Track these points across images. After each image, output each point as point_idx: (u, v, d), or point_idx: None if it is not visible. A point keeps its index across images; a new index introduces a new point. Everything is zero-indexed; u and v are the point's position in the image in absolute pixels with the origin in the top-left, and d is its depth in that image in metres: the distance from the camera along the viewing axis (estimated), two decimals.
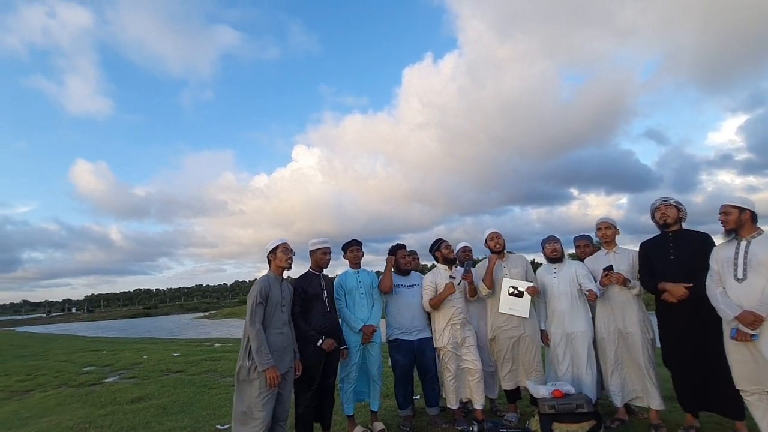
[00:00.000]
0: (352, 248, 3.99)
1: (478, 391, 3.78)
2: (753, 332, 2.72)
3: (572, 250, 4.14)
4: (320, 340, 3.44)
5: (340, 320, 3.79)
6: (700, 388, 3.21)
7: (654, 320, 3.59)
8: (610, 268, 3.57)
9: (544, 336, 3.88)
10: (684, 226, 3.45)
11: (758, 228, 2.91)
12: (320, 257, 3.68)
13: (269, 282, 3.16)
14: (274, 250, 3.28)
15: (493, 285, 3.90)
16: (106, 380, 7.80)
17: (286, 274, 3.37)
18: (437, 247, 4.02)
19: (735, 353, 2.88)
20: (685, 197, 3.40)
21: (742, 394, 2.92)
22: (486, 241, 4.08)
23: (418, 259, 4.48)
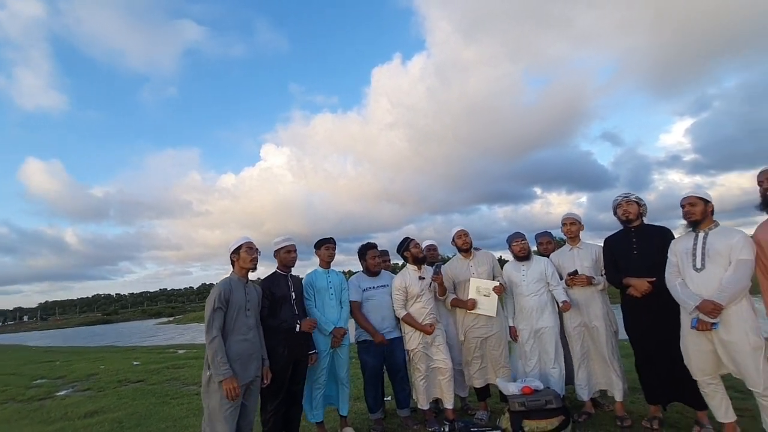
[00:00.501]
0: (328, 245, 3.87)
1: (448, 391, 3.75)
2: (714, 321, 2.79)
3: (535, 248, 4.18)
4: (297, 325, 3.31)
5: None
6: (665, 380, 3.29)
7: (618, 313, 3.67)
8: (575, 273, 3.63)
9: (512, 332, 3.89)
10: (645, 221, 3.54)
11: (715, 221, 3.00)
12: (284, 256, 3.53)
13: (231, 285, 2.95)
14: (237, 250, 3.06)
15: (445, 293, 3.91)
16: (58, 394, 7.32)
17: (253, 275, 3.19)
18: (406, 247, 3.95)
19: (693, 344, 2.96)
20: (640, 195, 3.57)
21: (699, 384, 3.01)
22: (453, 239, 4.06)
23: (389, 259, 4.41)
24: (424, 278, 3.81)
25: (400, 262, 4.15)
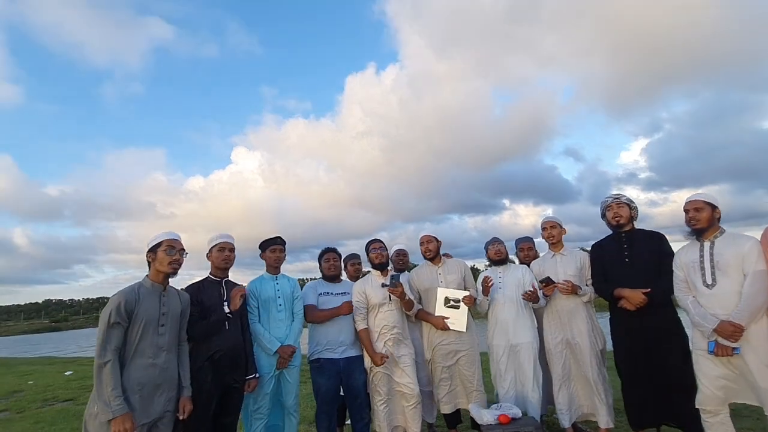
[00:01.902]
0: (274, 247, 3.28)
1: (414, 419, 3.23)
2: (735, 345, 2.40)
3: (515, 255, 3.78)
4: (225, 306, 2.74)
5: (251, 344, 3.07)
6: (652, 401, 2.93)
7: (603, 324, 3.31)
8: (548, 280, 3.23)
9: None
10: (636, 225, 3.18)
11: (721, 227, 2.66)
12: (216, 255, 2.90)
13: (138, 294, 2.29)
14: (154, 249, 2.41)
15: (411, 307, 3.38)
16: None
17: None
18: (367, 250, 3.45)
19: (708, 370, 2.55)
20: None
21: (703, 414, 2.61)
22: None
23: (360, 264, 3.90)
24: (387, 285, 3.30)
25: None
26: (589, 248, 3.39)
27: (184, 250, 2.48)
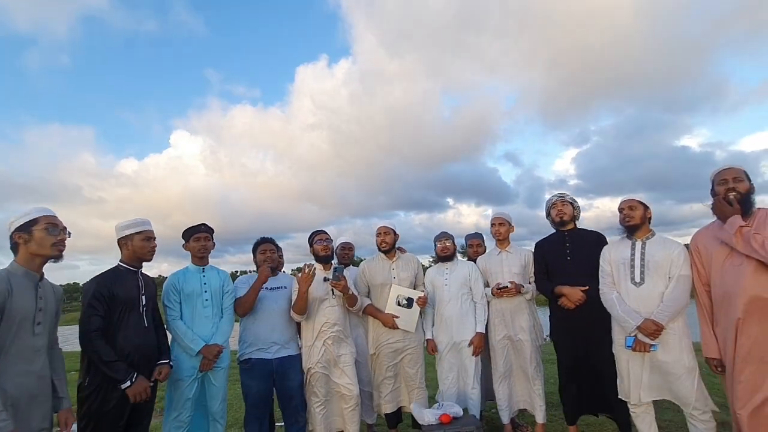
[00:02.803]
0: (198, 235, 2.92)
1: (352, 421, 3.05)
2: (653, 342, 2.52)
3: (462, 251, 3.71)
4: (129, 382, 2.25)
5: (167, 337, 2.72)
6: (590, 397, 3.00)
7: (542, 319, 3.35)
8: (505, 287, 3.18)
9: (430, 345, 3.34)
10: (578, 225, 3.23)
11: (652, 229, 2.76)
12: (141, 245, 2.51)
13: (9, 284, 1.84)
14: (26, 228, 1.94)
15: (355, 302, 3.16)
16: None
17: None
18: (310, 241, 3.21)
19: (627, 362, 2.69)
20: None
21: (630, 405, 2.75)
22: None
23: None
24: (329, 279, 3.08)
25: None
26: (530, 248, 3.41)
27: (66, 229, 2.07)
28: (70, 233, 2.08)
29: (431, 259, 4.01)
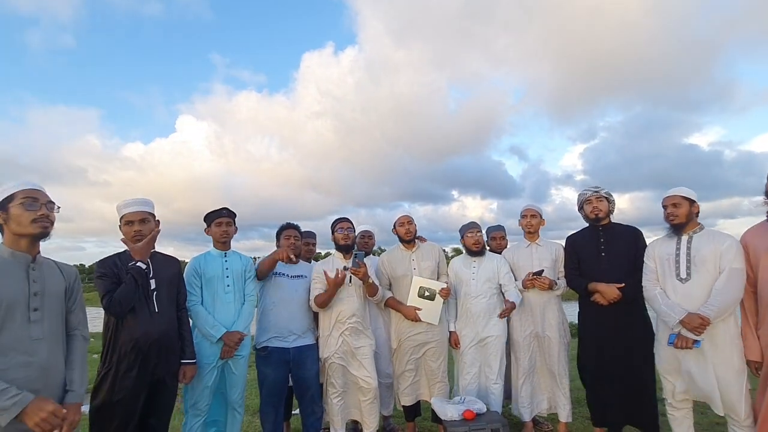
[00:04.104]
0: (220, 220, 2.83)
1: (370, 414, 2.98)
2: (697, 338, 2.38)
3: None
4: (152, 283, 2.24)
5: (188, 324, 2.63)
6: (620, 400, 2.87)
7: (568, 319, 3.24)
8: (540, 273, 3.07)
9: (453, 338, 3.25)
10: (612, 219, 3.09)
11: (700, 223, 2.61)
12: (125, 231, 2.37)
13: None
14: (3, 206, 1.70)
15: (375, 292, 3.06)
16: None
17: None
18: (333, 228, 3.11)
19: (669, 362, 2.58)
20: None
21: (668, 407, 2.65)
22: (395, 226, 3.30)
23: (314, 242, 3.56)
24: (348, 268, 2.97)
25: (324, 251, 3.27)
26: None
27: (53, 203, 1.80)
28: (59, 207, 1.81)
29: (452, 252, 3.87)
